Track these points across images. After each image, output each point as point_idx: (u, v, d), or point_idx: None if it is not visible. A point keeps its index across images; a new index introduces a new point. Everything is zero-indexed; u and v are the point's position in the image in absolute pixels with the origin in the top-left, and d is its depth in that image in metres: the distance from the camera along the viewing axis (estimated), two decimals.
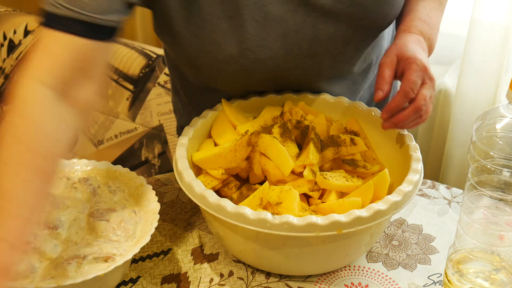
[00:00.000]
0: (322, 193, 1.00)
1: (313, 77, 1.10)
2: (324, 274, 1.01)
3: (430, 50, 1.06)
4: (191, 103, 1.22)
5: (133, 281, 1.00)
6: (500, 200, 0.89)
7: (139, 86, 1.85)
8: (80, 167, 1.06)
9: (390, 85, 0.99)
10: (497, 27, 1.63)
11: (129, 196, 1.02)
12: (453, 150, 1.85)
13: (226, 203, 0.91)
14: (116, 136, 1.91)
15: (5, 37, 2.02)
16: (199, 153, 1.03)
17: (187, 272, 1.02)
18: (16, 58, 2.00)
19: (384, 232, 1.09)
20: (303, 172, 0.99)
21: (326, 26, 1.02)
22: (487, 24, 1.63)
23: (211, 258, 1.04)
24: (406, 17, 1.06)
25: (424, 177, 1.08)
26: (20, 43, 1.99)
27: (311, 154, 0.99)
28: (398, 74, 1.00)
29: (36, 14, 2.12)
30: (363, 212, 0.90)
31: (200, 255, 1.05)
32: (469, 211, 0.92)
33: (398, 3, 1.06)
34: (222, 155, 1.00)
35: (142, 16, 2.22)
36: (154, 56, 1.85)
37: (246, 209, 0.90)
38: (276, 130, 1.04)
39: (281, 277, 1.01)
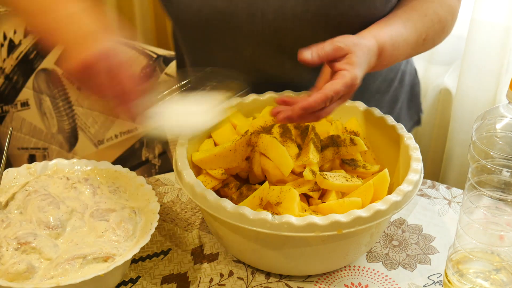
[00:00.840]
0: (322, 193, 1.00)
1: (275, 53, 1.10)
2: (324, 274, 1.01)
3: (375, 68, 1.01)
4: None
5: (133, 281, 1.00)
6: (500, 200, 0.89)
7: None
8: (80, 167, 1.06)
9: (320, 60, 0.92)
10: (497, 28, 1.63)
11: (129, 196, 1.02)
12: (453, 150, 1.85)
13: (226, 203, 0.91)
14: (116, 136, 1.91)
15: (5, 37, 2.02)
16: (199, 153, 1.03)
17: (187, 272, 1.02)
18: (16, 58, 2.00)
19: (384, 232, 1.09)
20: (303, 172, 0.99)
21: (295, 4, 1.01)
22: (487, 25, 1.63)
23: (211, 258, 1.04)
24: (383, 27, 1.03)
25: (424, 177, 1.08)
26: (20, 43, 1.99)
27: (311, 154, 0.99)
28: (329, 60, 0.94)
29: None
30: (363, 212, 0.90)
31: (200, 255, 1.05)
32: (469, 211, 0.92)
33: (375, 7, 1.04)
34: (222, 155, 1.00)
35: (142, 16, 2.22)
36: (155, 56, 1.85)
37: (246, 209, 0.90)
38: (276, 130, 1.04)
39: (281, 277, 1.01)
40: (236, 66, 1.12)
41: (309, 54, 0.91)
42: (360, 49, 0.95)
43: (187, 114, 0.94)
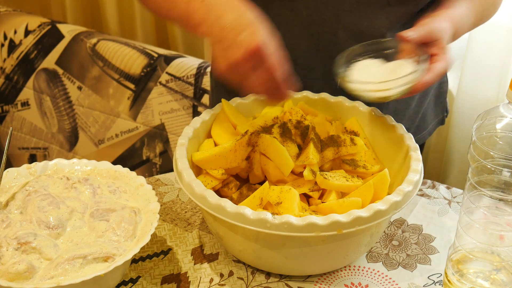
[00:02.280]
0: (322, 193, 1.00)
1: (331, 20, 1.10)
2: (324, 274, 1.01)
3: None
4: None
5: (133, 281, 1.00)
6: (500, 200, 0.89)
7: (140, 85, 1.85)
8: (80, 167, 1.06)
9: (418, 40, 0.99)
10: (499, 28, 1.63)
11: (129, 196, 1.02)
12: (453, 150, 1.85)
13: (226, 203, 0.91)
14: (117, 135, 1.91)
15: (5, 37, 2.02)
16: (199, 153, 1.03)
17: (187, 272, 1.02)
18: (17, 58, 2.00)
19: (384, 232, 1.09)
20: (303, 172, 0.99)
21: None
22: (489, 25, 1.63)
23: (211, 258, 1.04)
24: (453, 9, 1.08)
25: (424, 177, 1.08)
26: (20, 43, 2.00)
27: (311, 154, 0.99)
28: (423, 42, 1.01)
29: (36, 14, 2.12)
30: (363, 212, 0.90)
31: (200, 255, 1.05)
32: (469, 211, 0.92)
33: None
34: (222, 155, 1.00)
35: (142, 16, 2.22)
36: (156, 55, 1.85)
37: (246, 209, 0.90)
38: (276, 130, 1.04)
39: (281, 277, 1.01)
40: (290, 27, 1.11)
41: (411, 33, 0.99)
42: (445, 34, 1.02)
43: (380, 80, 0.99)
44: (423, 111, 1.32)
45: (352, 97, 1.02)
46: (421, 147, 1.41)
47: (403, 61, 1.00)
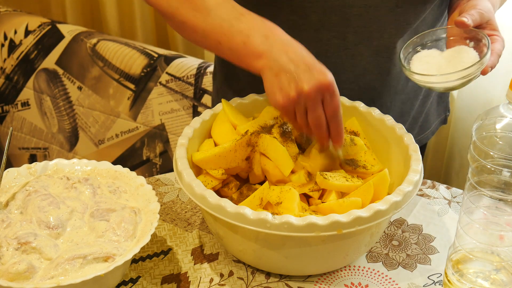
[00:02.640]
0: (322, 193, 1.00)
1: (339, 24, 1.11)
2: (324, 274, 1.01)
3: None
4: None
5: (133, 281, 1.00)
6: (500, 200, 0.89)
7: (140, 85, 1.85)
8: (80, 167, 1.06)
9: (473, 24, 1.00)
10: (502, 29, 1.62)
11: (129, 196, 1.02)
12: (453, 150, 1.85)
13: (226, 203, 0.91)
14: (117, 136, 1.91)
15: (5, 37, 2.02)
16: (199, 153, 1.03)
17: (187, 272, 1.02)
18: (17, 58, 2.00)
19: (384, 232, 1.09)
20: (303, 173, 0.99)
21: None
22: None
23: (211, 258, 1.04)
24: None
25: (424, 177, 1.08)
26: (20, 43, 2.00)
27: (313, 159, 1.00)
28: (476, 25, 1.01)
29: (36, 14, 2.12)
30: (363, 212, 0.90)
31: (200, 255, 1.05)
32: (469, 211, 0.92)
33: None
34: (222, 155, 1.00)
35: (142, 16, 2.22)
36: (156, 55, 1.85)
37: (246, 209, 0.90)
38: (276, 130, 1.04)
39: (281, 277, 1.01)
40: (299, 32, 1.12)
41: (466, 18, 0.99)
42: (493, 14, 1.04)
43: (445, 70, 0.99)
44: (426, 111, 1.32)
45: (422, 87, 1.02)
46: (424, 147, 1.41)
47: (460, 47, 1.01)
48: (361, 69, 1.15)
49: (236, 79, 1.26)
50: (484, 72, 0.99)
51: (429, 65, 1.00)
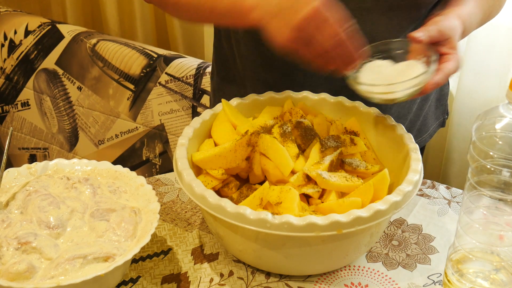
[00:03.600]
0: (322, 193, 1.00)
1: None
2: (324, 274, 1.01)
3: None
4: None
5: (133, 281, 1.00)
6: (500, 200, 0.89)
7: (140, 85, 1.85)
8: (80, 167, 1.06)
9: (428, 40, 1.00)
10: (500, 28, 1.63)
11: (129, 196, 1.02)
12: (453, 150, 1.85)
13: (226, 203, 0.91)
14: (117, 136, 1.91)
15: (5, 37, 2.02)
16: (199, 153, 1.03)
17: (187, 272, 1.02)
18: (17, 58, 2.00)
19: (384, 232, 1.09)
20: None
21: None
22: (489, 25, 1.63)
23: (211, 258, 1.04)
24: (462, 6, 1.08)
25: (424, 177, 1.08)
26: (20, 43, 2.00)
27: (314, 160, 1.00)
28: (434, 41, 1.01)
29: (36, 14, 2.12)
30: (363, 212, 0.90)
31: (200, 255, 1.05)
32: (469, 211, 0.92)
33: None
34: (222, 155, 1.00)
35: (142, 16, 2.23)
36: (155, 56, 1.85)
37: (246, 209, 0.90)
38: (276, 130, 1.04)
39: (281, 277, 1.01)
40: None
41: (420, 33, 0.99)
42: (456, 32, 1.02)
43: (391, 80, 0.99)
44: (424, 114, 1.32)
45: (363, 98, 1.02)
46: (422, 150, 1.41)
47: (413, 61, 1.00)
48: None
49: (233, 79, 1.27)
50: (425, 89, 0.98)
51: (375, 75, 1.00)
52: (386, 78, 1.00)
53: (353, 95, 1.12)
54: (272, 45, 0.94)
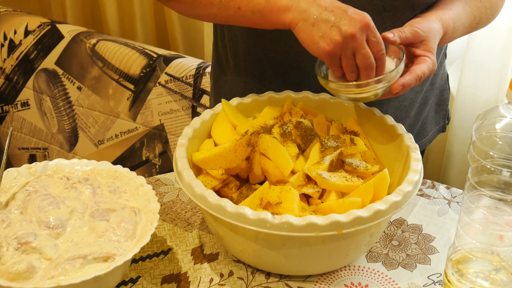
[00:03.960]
0: (322, 193, 1.00)
1: None
2: (324, 274, 1.01)
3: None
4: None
5: (133, 281, 1.00)
6: (500, 200, 0.89)
7: (139, 85, 1.85)
8: (80, 167, 1.06)
9: (400, 41, 1.00)
10: (500, 28, 1.63)
11: (129, 196, 1.02)
12: (453, 150, 1.85)
13: (226, 203, 0.91)
14: (116, 136, 1.91)
15: (5, 37, 2.02)
16: (199, 153, 1.03)
17: (187, 272, 1.02)
18: (17, 58, 2.00)
19: (384, 232, 1.09)
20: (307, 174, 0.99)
21: None
22: (489, 25, 1.63)
23: (211, 258, 1.04)
24: (445, 10, 1.08)
25: (424, 177, 1.08)
26: (20, 43, 2.00)
27: (314, 159, 1.00)
28: (408, 43, 1.01)
29: (36, 14, 2.12)
30: (363, 212, 0.90)
31: (200, 255, 1.05)
32: (469, 211, 0.92)
33: None
34: (222, 155, 1.00)
35: (142, 16, 2.22)
36: (155, 56, 1.85)
37: (246, 209, 0.90)
38: (276, 130, 1.04)
39: (281, 277, 1.01)
40: (290, 33, 1.11)
41: (391, 34, 0.99)
42: (433, 35, 1.02)
43: None
44: (423, 119, 1.31)
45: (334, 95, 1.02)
46: (421, 153, 1.41)
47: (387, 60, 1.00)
48: None
49: (227, 79, 1.26)
50: (392, 89, 0.98)
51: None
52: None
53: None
54: (308, 49, 0.94)
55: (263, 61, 1.19)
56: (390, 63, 0.99)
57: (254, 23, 0.99)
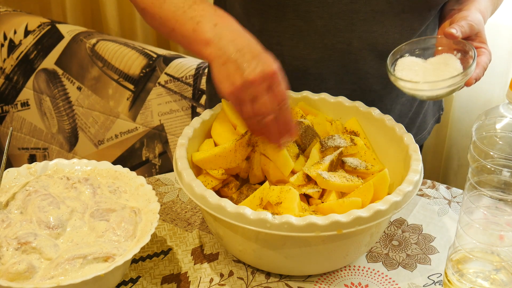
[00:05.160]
0: (322, 193, 1.00)
1: (345, 30, 1.11)
2: (324, 274, 1.01)
3: None
4: None
5: (133, 281, 1.00)
6: (500, 200, 0.89)
7: (139, 86, 1.85)
8: (80, 167, 1.06)
9: (462, 36, 1.00)
10: (500, 28, 1.63)
11: (129, 196, 1.02)
12: (451, 150, 1.85)
13: (226, 203, 0.91)
14: (116, 136, 1.91)
15: (5, 37, 2.02)
16: (199, 153, 1.03)
17: (187, 272, 1.02)
18: (16, 58, 2.00)
19: (384, 232, 1.09)
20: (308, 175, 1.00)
21: None
22: (490, 25, 1.63)
23: (211, 258, 1.04)
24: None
25: (424, 177, 1.08)
26: (20, 43, 2.00)
27: (314, 160, 1.00)
28: (465, 36, 1.01)
29: (36, 14, 2.12)
30: (363, 212, 0.90)
31: (200, 255, 1.05)
32: (469, 211, 0.92)
33: None
34: (222, 155, 1.00)
35: None
36: (155, 56, 1.85)
37: (246, 209, 0.90)
38: None
39: (281, 277, 1.01)
40: (303, 38, 1.12)
41: (454, 30, 0.99)
42: (483, 26, 1.04)
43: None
44: (424, 112, 1.32)
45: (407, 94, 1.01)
46: (420, 148, 1.41)
47: (446, 56, 1.00)
48: (363, 72, 1.15)
49: None
50: (468, 84, 0.99)
51: (414, 72, 1.00)
52: (423, 74, 0.99)
53: (354, 97, 1.12)
54: (216, 87, 0.94)
55: None
56: (457, 63, 0.99)
57: (186, 47, 0.99)
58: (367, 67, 1.14)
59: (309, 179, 1.00)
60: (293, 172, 1.01)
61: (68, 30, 1.98)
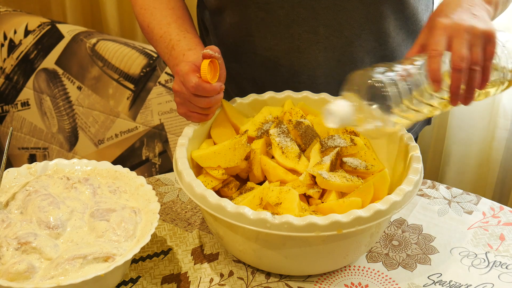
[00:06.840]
0: (322, 193, 1.00)
1: (309, 18, 1.11)
2: (324, 274, 1.01)
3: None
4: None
5: (133, 281, 1.00)
6: None
7: (139, 85, 1.85)
8: (80, 167, 1.06)
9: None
10: (501, 28, 1.62)
11: (129, 196, 1.02)
12: (451, 150, 1.85)
13: (226, 203, 0.91)
14: (116, 135, 1.91)
15: (5, 37, 2.02)
16: (198, 150, 1.03)
17: (187, 272, 1.02)
18: (17, 58, 2.00)
19: (384, 232, 1.09)
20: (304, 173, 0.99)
21: None
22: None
23: (211, 258, 1.04)
24: None
25: (424, 177, 1.08)
26: (20, 43, 2.00)
27: (315, 159, 1.00)
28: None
29: (36, 14, 2.12)
30: (363, 212, 0.90)
31: (200, 255, 1.05)
32: None
33: None
34: (221, 153, 1.00)
35: None
36: (155, 55, 1.85)
37: (246, 209, 0.90)
38: (273, 131, 1.04)
39: (281, 277, 1.01)
40: (269, 29, 1.13)
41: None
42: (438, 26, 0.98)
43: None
44: None
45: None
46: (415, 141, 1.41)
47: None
48: (335, 61, 1.15)
49: (230, 80, 1.26)
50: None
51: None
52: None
53: (331, 90, 1.12)
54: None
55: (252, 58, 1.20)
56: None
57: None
58: (337, 55, 1.15)
59: (314, 180, 1.00)
60: (293, 172, 1.01)
61: (68, 30, 1.98)
